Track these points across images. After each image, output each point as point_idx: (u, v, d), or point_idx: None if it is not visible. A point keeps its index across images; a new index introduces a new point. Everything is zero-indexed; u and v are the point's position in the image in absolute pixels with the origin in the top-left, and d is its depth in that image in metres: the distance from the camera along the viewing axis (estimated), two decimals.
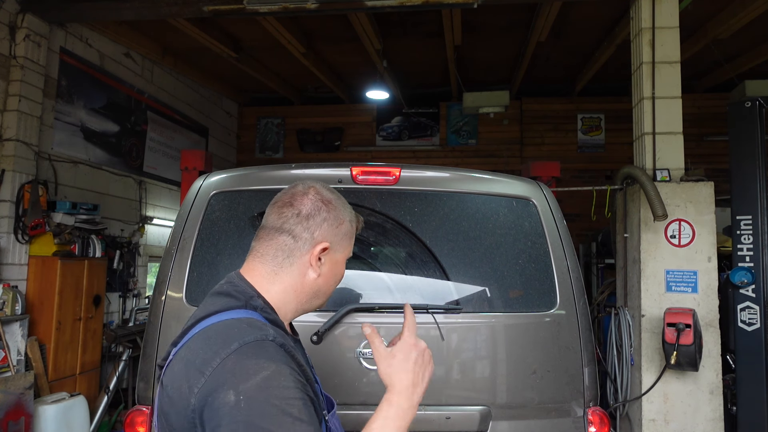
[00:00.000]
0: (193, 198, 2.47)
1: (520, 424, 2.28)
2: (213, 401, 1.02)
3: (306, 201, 1.29)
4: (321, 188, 1.34)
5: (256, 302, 1.22)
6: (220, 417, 1.00)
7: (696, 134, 7.96)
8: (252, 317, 1.18)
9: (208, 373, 1.05)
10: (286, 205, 1.29)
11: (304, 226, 1.27)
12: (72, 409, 4.91)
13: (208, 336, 1.13)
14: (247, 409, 0.99)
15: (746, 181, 4.13)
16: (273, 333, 1.13)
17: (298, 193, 1.31)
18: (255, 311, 1.20)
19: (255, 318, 1.18)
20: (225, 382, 1.03)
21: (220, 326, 1.15)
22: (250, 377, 1.02)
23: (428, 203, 2.48)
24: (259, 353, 1.07)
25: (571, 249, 2.44)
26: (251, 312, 1.20)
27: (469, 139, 9.22)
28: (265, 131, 9.70)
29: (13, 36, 5.08)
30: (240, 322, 1.15)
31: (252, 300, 1.22)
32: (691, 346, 3.74)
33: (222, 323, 1.16)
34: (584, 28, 6.52)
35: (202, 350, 1.10)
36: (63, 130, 5.72)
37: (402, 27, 6.60)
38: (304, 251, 1.27)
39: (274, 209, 1.31)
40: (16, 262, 4.99)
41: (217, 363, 1.06)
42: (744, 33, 6.16)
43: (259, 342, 1.09)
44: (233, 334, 1.10)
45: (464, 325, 2.33)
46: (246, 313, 1.19)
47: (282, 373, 1.05)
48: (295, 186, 1.34)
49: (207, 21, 6.15)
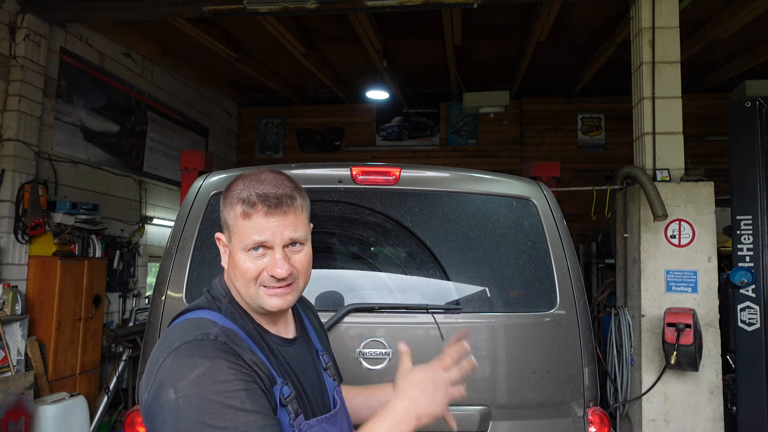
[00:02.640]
0: (193, 198, 2.47)
1: (520, 424, 2.28)
2: (157, 398, 1.06)
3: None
4: (235, 179, 1.28)
5: (222, 303, 1.24)
6: (165, 414, 1.04)
7: (696, 134, 7.96)
8: (205, 317, 1.20)
9: (155, 372, 1.10)
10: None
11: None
12: (72, 409, 4.91)
13: (164, 336, 1.18)
14: (186, 405, 1.02)
15: (746, 181, 4.13)
16: (217, 332, 1.13)
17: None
18: (218, 312, 1.22)
19: (208, 318, 1.19)
20: (166, 380, 1.06)
21: (176, 327, 1.19)
22: (185, 375, 1.05)
23: (428, 203, 2.48)
24: (195, 352, 1.08)
25: (571, 249, 2.44)
26: (211, 312, 1.22)
27: (469, 139, 9.22)
28: (265, 131, 9.70)
29: (13, 36, 5.08)
30: (192, 322, 1.18)
31: (217, 301, 1.25)
32: (691, 346, 3.74)
33: (178, 324, 1.20)
34: (584, 28, 6.52)
35: (157, 349, 1.15)
36: (63, 130, 5.72)
37: (402, 27, 6.60)
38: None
39: None
40: (16, 262, 4.99)
41: (161, 361, 1.10)
42: (744, 33, 6.16)
43: (197, 341, 1.11)
44: (179, 335, 1.14)
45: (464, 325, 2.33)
46: (205, 313, 1.21)
47: (218, 368, 1.06)
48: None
49: (207, 21, 6.15)
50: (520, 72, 7.72)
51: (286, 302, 1.22)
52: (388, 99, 8.92)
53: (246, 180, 1.22)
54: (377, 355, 2.26)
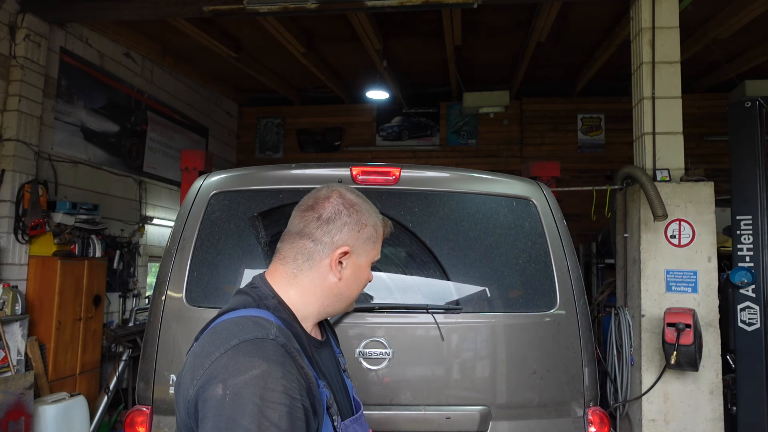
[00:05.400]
0: (193, 198, 2.47)
1: (520, 424, 2.28)
2: (204, 392, 1.05)
3: (327, 205, 1.29)
4: (345, 191, 1.33)
5: (269, 302, 1.24)
6: (207, 409, 1.03)
7: (696, 134, 7.96)
8: (260, 315, 1.19)
9: (207, 366, 1.08)
10: (308, 209, 1.30)
11: (324, 230, 1.27)
12: (72, 409, 4.91)
13: (216, 331, 1.17)
14: (231, 403, 1.02)
15: (746, 181, 4.13)
16: (276, 332, 1.13)
17: (320, 196, 1.31)
18: (267, 310, 1.22)
19: (263, 316, 1.19)
20: (217, 375, 1.05)
21: (228, 323, 1.18)
22: (240, 373, 1.04)
23: (428, 203, 2.48)
24: (255, 351, 1.08)
25: (571, 249, 2.44)
26: (262, 311, 1.22)
27: (469, 139, 9.22)
28: (265, 131, 9.70)
29: (13, 36, 5.08)
30: (246, 319, 1.17)
31: (265, 300, 1.25)
32: (691, 346, 3.74)
33: (231, 320, 1.19)
34: (584, 28, 6.52)
35: (207, 344, 1.13)
36: (63, 130, 5.72)
37: (402, 27, 6.60)
38: (324, 255, 1.27)
39: (298, 212, 1.32)
40: (16, 262, 4.98)
41: (215, 357, 1.08)
42: (744, 33, 6.16)
43: (258, 340, 1.10)
44: (236, 331, 1.13)
45: (464, 325, 2.33)
46: (256, 312, 1.21)
47: (272, 374, 1.05)
48: (319, 189, 1.35)
49: (207, 21, 6.15)
50: (520, 72, 7.72)
51: None
52: (388, 99, 8.92)
53: (367, 202, 1.37)
54: (377, 355, 2.26)
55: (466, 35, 6.60)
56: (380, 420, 2.20)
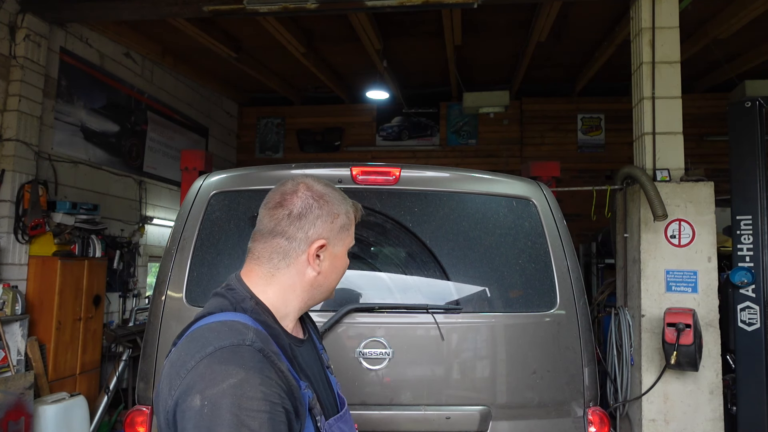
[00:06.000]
0: (193, 198, 2.47)
1: (520, 424, 2.28)
2: (182, 404, 1.03)
3: (296, 200, 1.25)
4: (312, 183, 1.30)
5: (246, 304, 1.20)
6: (186, 420, 1.01)
7: (696, 134, 7.96)
8: (237, 320, 1.15)
9: (183, 375, 1.05)
10: (276, 206, 1.26)
11: (296, 226, 1.24)
12: (72, 409, 4.91)
13: (191, 338, 1.13)
14: (209, 415, 0.99)
15: (746, 181, 4.12)
16: (253, 337, 1.10)
17: (287, 191, 1.27)
18: (245, 313, 1.18)
19: (240, 321, 1.15)
20: (194, 385, 1.03)
21: (204, 329, 1.14)
22: (217, 383, 1.01)
23: (428, 203, 2.48)
24: (231, 359, 1.05)
25: (571, 249, 2.44)
26: (239, 314, 1.18)
27: (469, 139, 9.22)
28: (265, 131, 9.69)
29: (13, 36, 5.08)
30: (223, 325, 1.13)
31: (242, 302, 1.20)
32: (691, 346, 3.74)
33: (207, 326, 1.15)
34: (584, 28, 6.52)
35: (183, 352, 1.10)
36: (63, 130, 5.72)
37: (402, 27, 6.60)
38: (300, 251, 1.24)
39: (266, 211, 1.28)
40: (16, 262, 4.98)
41: (191, 366, 1.05)
42: (744, 33, 6.16)
43: (234, 347, 1.07)
44: (212, 338, 1.09)
45: (464, 325, 2.33)
46: (233, 316, 1.17)
47: (250, 382, 1.03)
48: (284, 184, 1.30)
49: (207, 21, 6.15)
50: (520, 72, 7.72)
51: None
52: (388, 99, 8.92)
53: (335, 190, 1.34)
54: (377, 355, 2.26)
55: (466, 35, 6.60)
56: (380, 420, 2.20)
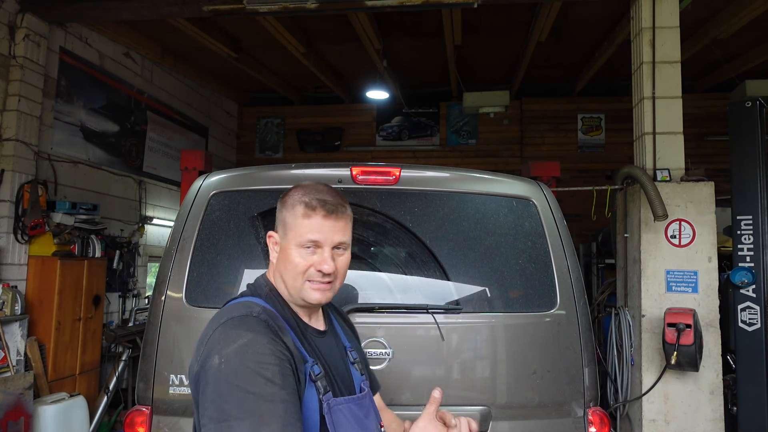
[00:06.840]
0: (193, 198, 2.47)
1: (520, 425, 2.28)
2: (204, 365, 1.22)
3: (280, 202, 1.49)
4: (295, 187, 1.47)
5: (262, 291, 1.43)
6: (208, 377, 1.19)
7: (696, 134, 7.95)
8: (251, 300, 1.38)
9: (204, 343, 1.27)
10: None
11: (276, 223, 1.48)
12: (72, 409, 4.90)
13: (214, 317, 1.36)
14: (226, 369, 1.17)
15: (746, 181, 4.12)
16: (259, 311, 1.31)
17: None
18: (259, 297, 1.40)
19: (253, 301, 1.38)
20: (213, 348, 1.23)
21: (224, 309, 1.38)
22: (230, 343, 1.21)
23: (428, 203, 2.47)
24: (240, 325, 1.26)
25: (571, 249, 2.44)
26: (255, 298, 1.40)
27: (469, 139, 9.22)
28: (265, 131, 9.69)
29: (12, 36, 5.07)
30: (238, 303, 1.37)
31: (259, 289, 1.44)
32: (691, 346, 3.74)
33: (227, 306, 1.39)
34: (584, 28, 6.52)
35: (207, 326, 1.33)
36: (63, 130, 5.72)
37: (402, 27, 6.60)
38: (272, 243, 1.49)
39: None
40: (15, 262, 4.98)
41: (209, 334, 1.28)
42: (744, 33, 6.16)
43: (243, 317, 1.28)
44: (226, 312, 1.33)
45: (464, 325, 2.33)
46: (249, 298, 1.40)
47: (258, 341, 1.21)
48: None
49: (207, 21, 6.15)
50: (520, 72, 7.71)
51: (325, 297, 1.39)
52: (388, 99, 8.91)
53: (307, 188, 1.42)
54: (377, 355, 2.26)
55: (466, 35, 6.59)
56: None
